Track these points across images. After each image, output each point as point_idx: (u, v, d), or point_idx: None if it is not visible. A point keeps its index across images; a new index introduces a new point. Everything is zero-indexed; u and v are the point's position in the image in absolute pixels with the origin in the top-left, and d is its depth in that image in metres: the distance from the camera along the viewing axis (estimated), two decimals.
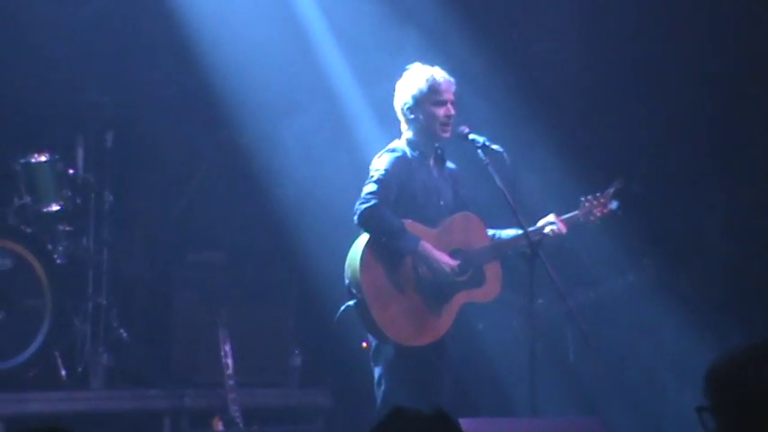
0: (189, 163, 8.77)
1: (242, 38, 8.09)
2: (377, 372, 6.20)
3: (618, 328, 7.83)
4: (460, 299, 6.22)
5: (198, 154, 8.77)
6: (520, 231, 6.11)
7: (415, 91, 6.24)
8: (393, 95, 6.35)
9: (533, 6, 8.53)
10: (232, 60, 8.11)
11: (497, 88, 8.08)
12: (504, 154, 6.10)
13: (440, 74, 6.28)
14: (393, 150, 6.27)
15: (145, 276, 8.65)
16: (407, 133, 6.30)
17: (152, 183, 8.72)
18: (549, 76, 8.53)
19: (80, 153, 8.14)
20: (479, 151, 6.12)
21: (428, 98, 6.21)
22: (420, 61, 6.38)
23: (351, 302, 6.15)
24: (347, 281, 6.18)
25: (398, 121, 6.37)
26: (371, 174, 6.19)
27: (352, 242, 6.21)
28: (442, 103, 6.22)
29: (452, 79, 6.28)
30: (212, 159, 8.73)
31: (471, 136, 6.17)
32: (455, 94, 6.27)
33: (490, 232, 6.33)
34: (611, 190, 6.33)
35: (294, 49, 8.20)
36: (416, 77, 6.27)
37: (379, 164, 6.21)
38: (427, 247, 6.10)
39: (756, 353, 2.92)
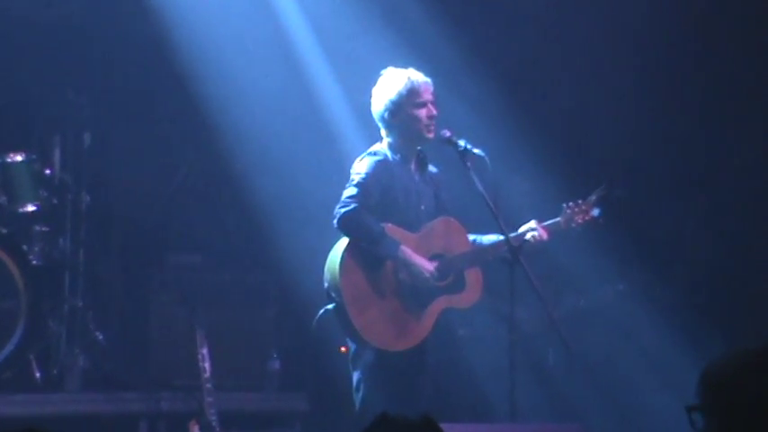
0: (167, 164, 8.74)
1: (222, 37, 8.11)
2: (355, 376, 6.21)
3: (599, 334, 7.90)
4: (440, 304, 6.23)
5: (177, 155, 8.77)
6: (501, 237, 6.12)
7: (393, 96, 6.23)
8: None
9: (515, 7, 8.53)
10: (213, 61, 8.12)
11: (479, 91, 8.09)
12: (486, 158, 6.11)
13: (416, 75, 6.28)
14: (374, 154, 6.27)
15: (122, 278, 8.66)
16: (388, 138, 6.29)
17: (130, 183, 8.70)
18: (532, 79, 8.54)
19: (57, 153, 8.13)
20: (460, 155, 6.12)
21: (408, 101, 6.21)
22: (400, 62, 6.38)
23: (330, 306, 6.18)
24: (326, 284, 6.19)
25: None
26: (352, 177, 6.20)
27: (332, 245, 6.22)
28: (423, 105, 6.22)
29: (429, 79, 6.27)
30: (191, 161, 8.72)
31: (453, 140, 6.17)
32: (434, 93, 6.26)
33: (471, 238, 6.34)
34: (594, 197, 6.35)
35: (275, 49, 8.20)
36: (393, 82, 6.26)
37: (360, 167, 6.22)
38: (407, 251, 6.12)
39: (756, 359, 2.95)
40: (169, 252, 8.51)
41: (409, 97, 6.21)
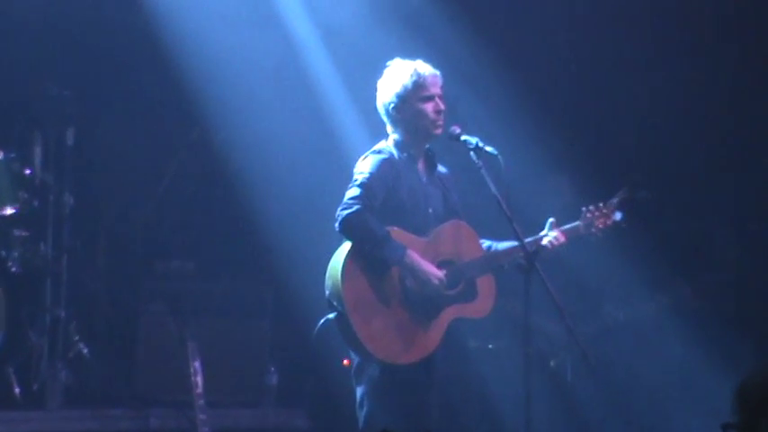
0: (157, 163, 8.73)
1: (216, 29, 8.08)
2: (359, 391, 6.14)
3: (621, 347, 7.89)
4: (450, 314, 6.15)
5: (167, 153, 8.74)
6: (515, 243, 6.02)
7: (399, 89, 6.17)
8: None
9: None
10: (205, 52, 8.10)
11: (492, 85, 8.12)
12: (500, 157, 5.98)
13: (424, 67, 6.21)
14: (379, 152, 6.20)
15: (108, 286, 8.61)
16: (394, 135, 6.24)
17: (117, 184, 8.71)
18: (548, 73, 8.57)
19: (38, 151, 8.09)
20: (472, 153, 6.02)
21: (414, 95, 6.15)
22: (407, 57, 6.30)
23: (331, 316, 6.10)
24: (327, 292, 6.10)
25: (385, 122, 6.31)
26: (355, 177, 6.12)
27: (334, 251, 6.13)
28: (430, 98, 6.15)
29: (438, 72, 6.22)
30: (183, 159, 8.72)
31: (463, 137, 6.06)
32: (442, 87, 6.20)
33: (484, 243, 6.27)
34: (616, 200, 6.30)
35: (272, 39, 8.19)
36: (399, 74, 6.20)
37: (364, 166, 6.14)
38: (414, 257, 6.04)
39: None
40: (159, 258, 8.49)
41: (416, 91, 6.15)
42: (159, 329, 8.12)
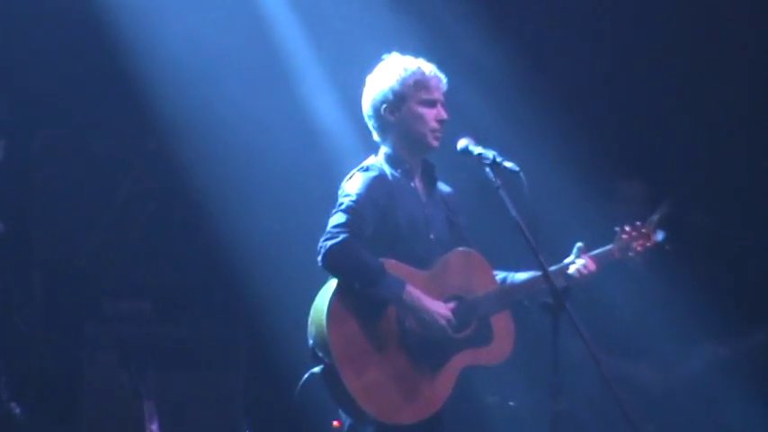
0: (106, 182, 8.74)
1: (174, 16, 8.18)
2: None
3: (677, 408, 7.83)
4: (461, 361, 6.08)
5: (117, 170, 8.77)
6: (536, 273, 6.02)
7: (395, 84, 6.14)
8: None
9: None
10: (164, 45, 8.20)
11: (511, 91, 8.22)
12: (521, 174, 5.91)
13: (428, 67, 6.20)
14: (367, 169, 6.16)
15: (45, 332, 8.59)
16: (384, 147, 6.21)
17: (57, 208, 8.68)
18: (576, 76, 8.64)
19: None
20: (488, 170, 5.93)
21: (415, 95, 6.14)
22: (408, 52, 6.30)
23: (316, 369, 6.02)
24: (311, 341, 6.02)
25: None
26: (340, 201, 6.07)
27: (318, 289, 6.07)
28: (432, 104, 6.15)
29: (443, 76, 6.21)
30: (136, 177, 8.74)
31: (477, 150, 6.01)
32: (445, 95, 6.20)
33: (497, 275, 6.25)
34: (656, 217, 6.25)
35: (243, 27, 8.27)
36: (397, 69, 6.17)
37: (350, 187, 6.10)
38: (414, 293, 5.98)
39: None
40: (107, 298, 8.50)
41: (417, 90, 6.13)
42: (108, 384, 8.08)
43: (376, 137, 6.22)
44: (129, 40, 8.06)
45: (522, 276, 6.22)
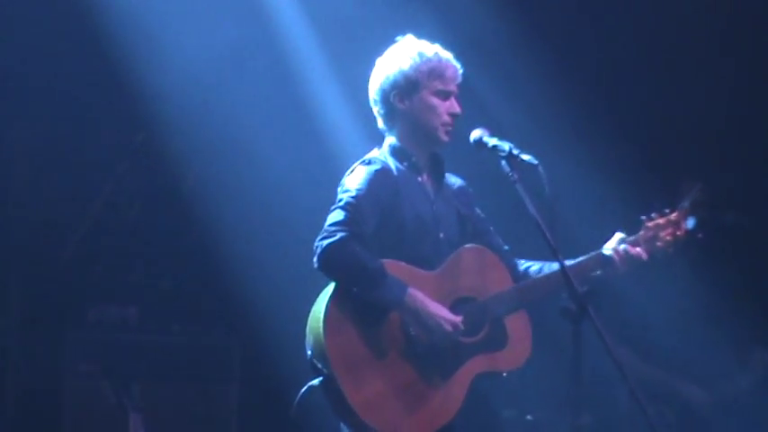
0: (89, 178, 8.75)
1: (163, 4, 8.14)
2: None
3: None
4: (473, 368, 6.02)
5: (102, 166, 8.76)
6: (554, 266, 6.00)
7: (407, 68, 6.08)
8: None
9: None
10: (151, 36, 8.22)
11: (531, 82, 8.34)
12: (540, 167, 5.81)
13: (446, 54, 6.13)
14: (369, 162, 6.11)
15: (23, 341, 8.62)
16: (390, 138, 6.15)
17: (35, 206, 8.71)
18: (600, 64, 8.72)
19: None
20: (504, 163, 5.85)
21: (428, 82, 6.09)
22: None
23: (315, 381, 5.97)
24: (309, 351, 5.96)
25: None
26: (339, 197, 6.01)
27: (318, 294, 6.01)
28: (446, 95, 6.11)
29: (460, 67, 6.15)
30: (123, 173, 8.78)
31: (492, 142, 5.93)
32: (459, 87, 6.14)
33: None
34: (687, 203, 6.14)
35: (235, 17, 8.29)
36: (412, 53, 6.11)
37: (351, 182, 6.04)
38: (417, 297, 5.92)
39: None
40: (90, 304, 8.49)
41: (430, 77, 6.08)
42: (91, 396, 8.13)
43: (381, 124, 6.16)
44: (116, 36, 8.09)
45: (537, 267, 6.26)
